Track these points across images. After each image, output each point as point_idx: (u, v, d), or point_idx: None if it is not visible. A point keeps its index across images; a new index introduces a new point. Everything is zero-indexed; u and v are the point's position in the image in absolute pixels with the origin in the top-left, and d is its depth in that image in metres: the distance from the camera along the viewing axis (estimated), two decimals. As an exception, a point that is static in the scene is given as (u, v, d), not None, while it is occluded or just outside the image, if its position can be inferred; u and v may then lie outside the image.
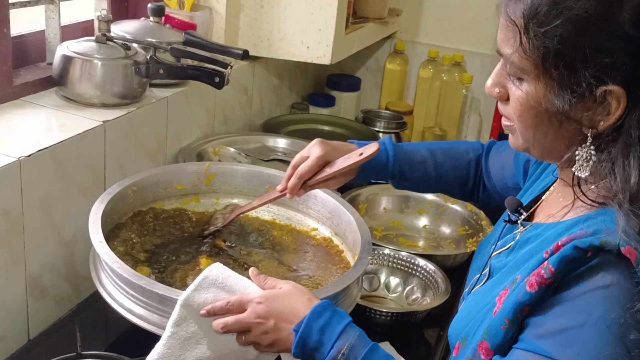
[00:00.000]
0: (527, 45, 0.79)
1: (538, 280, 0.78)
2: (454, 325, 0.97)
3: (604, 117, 0.78)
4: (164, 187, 1.27)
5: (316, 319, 0.90)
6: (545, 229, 0.90)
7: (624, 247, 0.73)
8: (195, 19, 1.67)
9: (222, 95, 1.75)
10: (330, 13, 1.74)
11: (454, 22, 2.42)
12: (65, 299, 1.29)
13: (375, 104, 2.56)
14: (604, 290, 0.74)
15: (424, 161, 1.26)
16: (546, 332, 0.77)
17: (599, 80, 0.76)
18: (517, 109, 0.84)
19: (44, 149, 1.15)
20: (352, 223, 1.20)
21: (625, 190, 0.77)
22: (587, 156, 0.81)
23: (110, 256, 0.99)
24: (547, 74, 0.79)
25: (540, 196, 1.01)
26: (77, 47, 1.36)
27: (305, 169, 1.13)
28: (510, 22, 0.81)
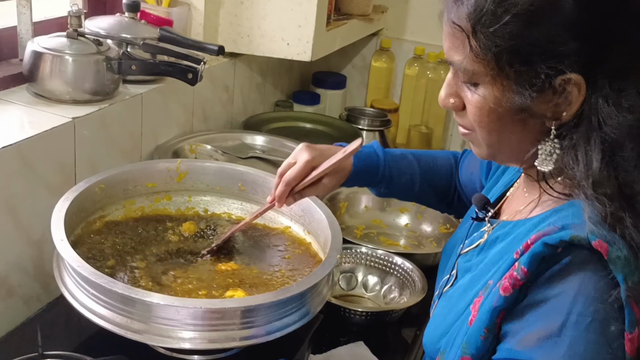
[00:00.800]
0: (477, 49, 0.77)
1: (512, 282, 0.76)
2: (428, 334, 0.95)
3: (566, 106, 0.77)
4: (134, 185, 1.25)
5: None
6: (513, 227, 0.88)
7: (594, 240, 0.72)
8: (172, 14, 1.65)
9: (201, 92, 1.74)
10: (310, 9, 1.73)
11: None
12: (34, 298, 1.27)
13: (362, 101, 2.54)
14: (579, 287, 0.73)
15: (411, 166, 1.25)
16: (527, 339, 0.75)
17: (556, 71, 0.75)
18: (477, 114, 0.82)
19: (8, 146, 1.13)
20: (323, 221, 1.18)
21: (588, 177, 0.75)
22: (550, 150, 0.79)
23: (71, 255, 0.97)
24: (502, 73, 0.77)
25: (505, 192, 0.99)
26: (48, 43, 1.34)
27: (292, 175, 1.09)
28: (456, 28, 0.79)
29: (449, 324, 0.89)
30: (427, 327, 0.97)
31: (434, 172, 1.26)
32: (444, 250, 1.12)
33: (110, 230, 1.20)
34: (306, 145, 1.12)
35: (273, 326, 0.98)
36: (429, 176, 1.26)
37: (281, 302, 0.98)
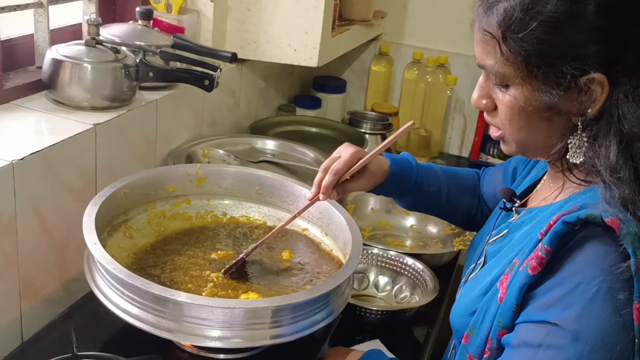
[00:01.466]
0: (508, 53, 0.84)
1: (538, 261, 0.83)
2: (455, 311, 1.02)
3: (591, 104, 0.84)
4: (155, 189, 1.28)
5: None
6: (538, 211, 0.96)
7: (607, 217, 0.79)
8: (183, 22, 1.68)
9: (210, 97, 1.76)
10: (317, 16, 1.76)
11: (438, 24, 2.44)
12: (57, 301, 1.30)
13: (361, 105, 2.58)
14: (591, 258, 0.80)
15: (439, 178, 1.30)
16: (544, 304, 0.82)
17: (581, 71, 0.82)
18: (508, 113, 0.89)
19: (35, 152, 1.15)
20: (342, 223, 1.22)
21: (606, 164, 0.83)
22: (579, 143, 0.86)
23: (105, 257, 1.00)
24: (531, 75, 0.84)
25: (533, 186, 1.06)
26: (67, 51, 1.37)
27: (340, 165, 1.12)
28: (487, 34, 0.87)
29: (474, 298, 0.96)
30: (454, 307, 1.03)
31: (459, 187, 1.32)
32: (471, 243, 1.19)
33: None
34: (347, 143, 1.18)
35: (300, 325, 1.02)
36: (454, 190, 1.31)
37: (309, 301, 1.02)
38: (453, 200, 1.31)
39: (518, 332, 0.85)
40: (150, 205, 1.28)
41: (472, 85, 2.45)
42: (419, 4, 2.46)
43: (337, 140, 2.04)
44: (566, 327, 0.79)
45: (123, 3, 1.76)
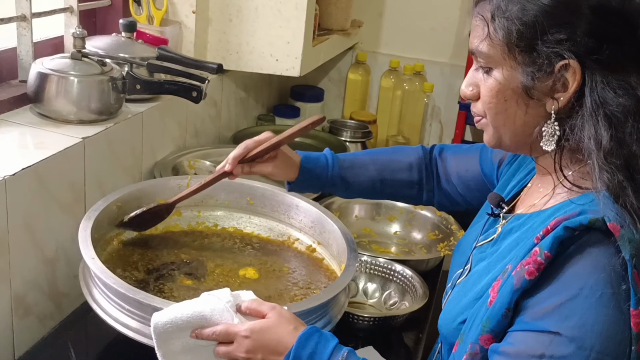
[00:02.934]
0: (493, 33, 0.88)
1: (536, 266, 0.82)
2: (445, 318, 1.01)
3: (563, 92, 0.87)
4: (147, 202, 1.28)
5: (303, 348, 0.92)
6: (527, 218, 0.95)
7: (609, 222, 0.79)
8: (165, 33, 1.68)
9: (193, 108, 1.77)
10: (298, 26, 1.78)
11: (414, 32, 2.48)
12: (48, 316, 1.28)
13: (339, 114, 2.60)
14: (592, 263, 0.80)
15: (365, 165, 1.30)
16: (542, 311, 0.81)
17: (557, 55, 0.85)
18: (487, 96, 0.92)
19: (27, 168, 1.15)
20: (335, 231, 1.23)
21: (599, 149, 0.84)
22: (552, 131, 0.89)
23: (104, 271, 1.00)
24: (511, 54, 0.88)
25: (519, 192, 1.07)
26: (53, 64, 1.36)
27: (250, 142, 1.20)
28: (480, 18, 0.91)
29: (464, 305, 0.95)
30: (442, 314, 1.03)
31: (392, 169, 1.32)
32: (456, 248, 1.18)
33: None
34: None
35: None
36: (387, 173, 1.31)
37: (309, 310, 1.03)
38: (387, 184, 1.31)
39: (513, 340, 0.84)
40: None
41: (448, 92, 2.52)
42: (394, 13, 2.49)
43: (320, 149, 2.04)
44: (569, 335, 0.79)
45: (104, 16, 1.76)
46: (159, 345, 0.94)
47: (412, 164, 1.32)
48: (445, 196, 1.33)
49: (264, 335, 0.94)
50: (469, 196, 1.29)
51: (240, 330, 0.94)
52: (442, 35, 2.45)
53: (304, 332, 0.93)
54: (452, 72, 2.47)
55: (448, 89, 2.49)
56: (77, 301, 1.36)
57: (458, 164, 1.31)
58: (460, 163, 1.31)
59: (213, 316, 0.94)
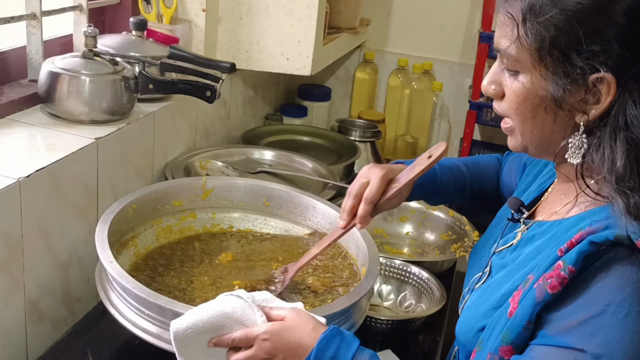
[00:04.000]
0: (524, 37, 0.84)
1: (560, 280, 0.80)
2: (463, 325, 0.99)
3: (595, 104, 0.83)
4: (162, 204, 1.26)
5: (324, 351, 0.89)
6: (550, 226, 0.93)
7: (637, 240, 0.77)
8: (175, 32, 1.66)
9: (203, 108, 1.75)
10: (310, 24, 1.75)
11: (422, 31, 2.46)
12: (61, 321, 1.26)
13: (346, 113, 2.58)
14: (619, 280, 0.78)
15: (462, 173, 1.29)
16: (566, 326, 0.80)
17: (591, 67, 0.81)
18: (514, 101, 0.89)
19: (41, 169, 1.12)
20: (354, 232, 1.21)
21: (612, 172, 0.82)
22: (579, 144, 0.86)
23: (124, 276, 0.97)
24: (542, 62, 0.84)
25: (540, 196, 1.05)
26: (64, 63, 1.34)
27: (373, 192, 1.08)
28: (509, 17, 0.86)
29: (484, 313, 0.93)
30: (460, 320, 1.01)
31: (482, 178, 1.31)
32: (473, 251, 1.17)
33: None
34: (373, 164, 1.14)
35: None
36: (478, 182, 1.31)
37: (332, 315, 1.00)
38: (477, 192, 1.30)
39: (535, 355, 0.82)
40: (156, 221, 1.26)
41: (457, 91, 2.51)
42: (402, 12, 2.47)
43: (331, 149, 2.03)
44: (595, 352, 0.77)
45: (112, 14, 1.73)
46: (180, 352, 0.92)
47: (499, 172, 1.32)
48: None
49: (284, 337, 0.91)
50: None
51: (259, 333, 0.91)
52: (451, 33, 2.43)
53: (325, 333, 0.91)
54: (461, 71, 2.45)
55: (457, 88, 2.47)
56: (89, 305, 1.33)
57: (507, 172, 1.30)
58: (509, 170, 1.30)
59: (235, 313, 0.91)
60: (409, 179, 1.09)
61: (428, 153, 1.09)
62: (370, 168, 1.13)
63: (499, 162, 1.35)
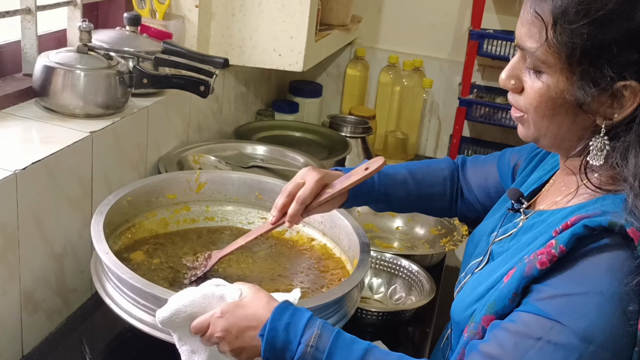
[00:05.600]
0: (553, 41, 0.84)
1: (549, 258, 0.83)
2: (459, 304, 1.01)
3: (619, 109, 0.85)
4: (156, 197, 1.28)
5: (279, 320, 0.91)
6: (549, 215, 0.96)
7: (629, 227, 0.80)
8: (169, 27, 1.67)
9: (196, 103, 1.76)
10: (302, 21, 1.77)
11: (413, 28, 2.48)
12: (56, 312, 1.27)
13: (337, 109, 2.60)
14: (608, 265, 0.81)
15: (405, 180, 1.28)
16: (549, 296, 0.83)
17: (620, 76, 0.82)
18: (536, 99, 0.89)
19: (37, 162, 1.13)
20: (346, 226, 1.23)
21: (636, 175, 0.83)
22: (601, 146, 0.87)
23: (119, 266, 0.99)
24: (570, 68, 0.84)
25: (540, 187, 1.07)
26: (58, 58, 1.35)
27: (306, 193, 1.11)
28: (537, 17, 0.86)
29: (479, 294, 0.96)
30: (455, 300, 1.04)
31: (428, 183, 1.31)
32: (471, 238, 1.18)
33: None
34: (311, 167, 1.17)
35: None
36: (424, 188, 1.30)
37: (324, 306, 1.03)
38: (425, 198, 1.30)
39: (517, 319, 0.85)
40: (151, 213, 1.28)
41: (447, 88, 2.54)
42: (393, 9, 2.49)
43: (322, 144, 2.05)
44: (572, 327, 0.80)
45: (106, 9, 1.74)
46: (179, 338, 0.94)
47: (446, 177, 1.32)
48: (467, 206, 1.33)
49: (237, 312, 0.93)
50: (489, 203, 1.28)
51: (213, 313, 0.93)
52: (441, 31, 2.46)
53: (278, 305, 0.93)
54: (451, 68, 2.47)
55: (447, 84, 2.50)
56: (83, 297, 1.35)
57: (478, 174, 1.32)
58: (480, 172, 1.32)
59: (214, 293, 0.94)
60: (342, 187, 1.12)
61: (366, 165, 1.12)
62: (308, 170, 1.15)
63: (452, 165, 1.35)
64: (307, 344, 0.89)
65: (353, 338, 0.92)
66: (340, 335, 0.91)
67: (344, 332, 0.93)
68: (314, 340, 0.89)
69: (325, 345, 0.89)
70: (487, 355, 0.85)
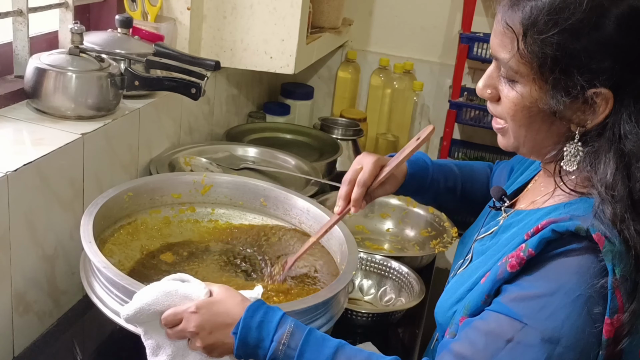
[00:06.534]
0: (524, 51, 0.86)
1: (518, 261, 0.86)
2: (441, 305, 1.04)
3: (592, 116, 0.87)
4: (160, 195, 1.30)
5: (252, 318, 0.92)
6: (526, 214, 0.98)
7: (594, 233, 0.82)
8: (161, 30, 1.68)
9: (187, 105, 1.77)
10: (293, 23, 1.78)
11: (404, 31, 2.50)
12: (47, 314, 1.28)
13: (328, 111, 2.61)
14: (575, 268, 0.83)
15: (454, 173, 1.32)
16: (518, 297, 0.85)
17: (590, 84, 0.84)
18: (512, 109, 0.91)
19: (29, 163, 1.14)
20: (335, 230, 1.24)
21: (602, 180, 0.85)
22: (574, 152, 0.90)
23: (106, 265, 1.00)
24: (542, 77, 0.86)
25: (523, 186, 1.09)
26: (50, 60, 1.35)
27: (366, 176, 1.13)
28: (507, 29, 0.88)
29: (459, 295, 0.98)
30: (439, 301, 1.05)
31: (473, 181, 1.34)
32: (461, 240, 1.21)
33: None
34: (365, 152, 1.19)
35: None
36: (469, 184, 1.33)
37: (309, 308, 1.04)
38: (468, 194, 1.33)
39: (488, 319, 0.87)
40: (155, 211, 1.30)
41: (437, 91, 2.55)
42: (384, 12, 2.50)
43: (313, 146, 2.06)
44: (539, 327, 0.82)
45: (97, 11, 1.75)
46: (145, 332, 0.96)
47: (489, 177, 1.35)
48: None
49: (212, 309, 0.94)
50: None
51: (187, 307, 0.94)
52: (432, 34, 2.47)
53: (252, 303, 0.94)
54: (442, 71, 2.49)
55: (437, 87, 2.51)
56: (74, 298, 1.35)
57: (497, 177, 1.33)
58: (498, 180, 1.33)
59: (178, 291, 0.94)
60: (399, 160, 1.13)
61: (417, 136, 1.13)
62: (363, 156, 1.18)
63: (490, 169, 1.38)
64: (279, 342, 0.91)
65: (324, 336, 0.94)
66: (312, 333, 0.93)
67: (316, 330, 0.94)
68: (286, 337, 0.91)
69: (297, 343, 0.91)
70: (458, 354, 0.87)
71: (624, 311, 0.81)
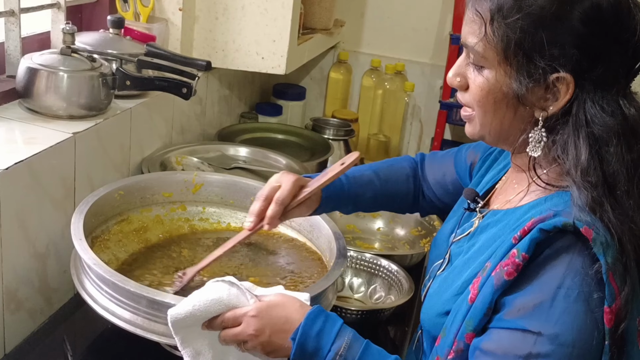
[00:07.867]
0: (491, 35, 0.89)
1: (515, 267, 0.86)
2: (427, 311, 1.04)
3: (554, 102, 0.89)
4: (151, 193, 1.31)
5: (311, 325, 0.94)
6: (504, 214, 0.99)
7: (581, 227, 0.83)
8: (153, 30, 1.69)
9: (179, 105, 1.78)
10: (284, 25, 1.80)
11: (395, 32, 2.51)
12: (38, 311, 1.29)
13: (320, 112, 2.63)
14: (568, 265, 0.84)
15: (371, 181, 1.30)
16: (521, 309, 0.85)
17: (552, 68, 0.87)
18: (478, 94, 0.93)
19: (20, 162, 1.15)
20: (324, 227, 1.25)
21: (577, 166, 0.87)
22: (539, 137, 0.91)
23: (97, 263, 1.01)
24: (507, 61, 0.89)
25: (494, 186, 1.10)
26: (42, 59, 1.36)
27: (285, 194, 1.11)
28: (477, 15, 0.91)
29: (446, 300, 0.98)
30: (424, 306, 1.06)
31: (393, 182, 1.33)
32: (434, 241, 1.21)
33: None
34: (285, 171, 1.17)
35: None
36: (389, 186, 1.32)
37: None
38: (389, 197, 1.32)
39: (496, 338, 0.87)
40: (146, 209, 1.31)
41: (428, 92, 2.56)
42: (376, 13, 2.52)
43: (304, 147, 2.07)
44: (551, 333, 0.83)
45: (90, 12, 1.76)
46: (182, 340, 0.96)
47: (409, 175, 1.34)
48: (428, 203, 1.35)
49: (272, 313, 0.96)
50: (447, 199, 1.31)
51: (248, 311, 0.96)
52: (423, 35, 2.49)
53: (312, 310, 0.96)
54: (433, 72, 2.51)
55: (429, 88, 2.53)
56: (66, 296, 1.36)
57: (435, 171, 1.34)
58: (437, 169, 1.34)
59: (230, 300, 0.96)
60: (320, 184, 1.13)
61: (341, 161, 1.13)
62: (282, 174, 1.16)
63: (412, 162, 1.36)
64: (336, 353, 0.93)
65: (380, 350, 0.96)
66: (369, 347, 0.95)
67: (373, 344, 0.96)
68: (343, 349, 0.93)
69: (354, 356, 0.93)
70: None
71: (620, 294, 0.82)
